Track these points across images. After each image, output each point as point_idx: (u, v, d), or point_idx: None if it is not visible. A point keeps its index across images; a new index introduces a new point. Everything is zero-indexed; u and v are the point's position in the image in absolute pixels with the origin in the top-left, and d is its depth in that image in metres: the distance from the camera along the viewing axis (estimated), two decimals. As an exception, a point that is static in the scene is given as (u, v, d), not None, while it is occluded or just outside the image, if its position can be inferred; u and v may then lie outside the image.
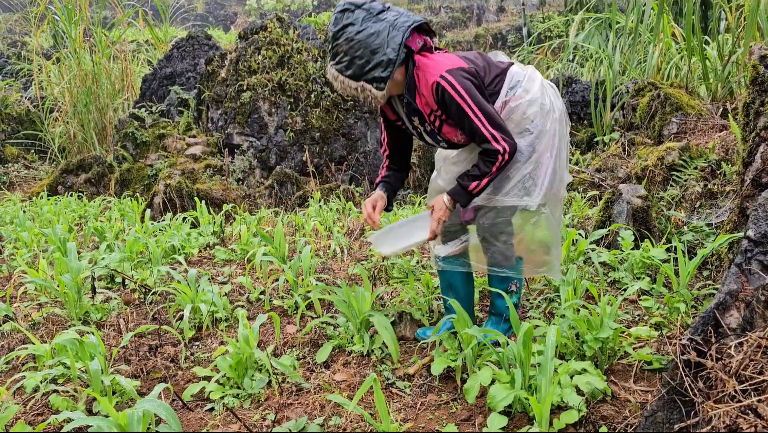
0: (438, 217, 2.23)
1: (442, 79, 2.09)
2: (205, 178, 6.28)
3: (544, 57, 10.68)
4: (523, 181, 2.22)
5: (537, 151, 2.21)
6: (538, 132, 2.22)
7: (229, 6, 27.40)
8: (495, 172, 2.14)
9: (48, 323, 2.85)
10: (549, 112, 2.24)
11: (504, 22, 24.45)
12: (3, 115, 9.10)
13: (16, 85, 10.89)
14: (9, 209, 5.77)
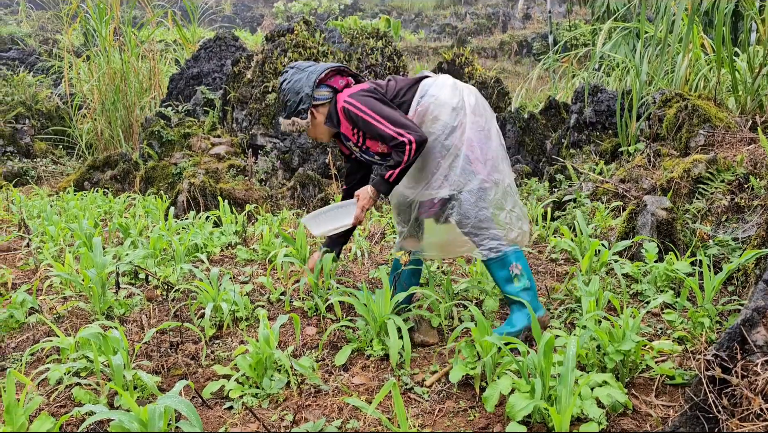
0: (362, 205, 2.58)
1: (346, 102, 2.55)
2: (228, 178, 6.34)
3: (570, 65, 10.62)
4: (442, 175, 2.52)
5: (453, 144, 2.51)
6: (450, 129, 2.51)
7: (256, 8, 27.66)
8: (406, 161, 2.45)
9: (72, 317, 2.90)
10: (459, 110, 2.53)
11: (530, 29, 24.35)
12: (33, 111, 9.28)
13: (46, 81, 11.10)
14: (36, 203, 5.88)
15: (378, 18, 18.80)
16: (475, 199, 2.50)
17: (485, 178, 2.52)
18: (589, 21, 18.54)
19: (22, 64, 12.16)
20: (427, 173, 2.55)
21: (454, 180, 2.50)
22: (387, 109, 2.50)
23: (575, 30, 16.14)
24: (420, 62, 18.23)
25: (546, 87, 13.45)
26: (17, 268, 3.84)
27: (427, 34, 25.03)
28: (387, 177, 2.50)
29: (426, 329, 2.62)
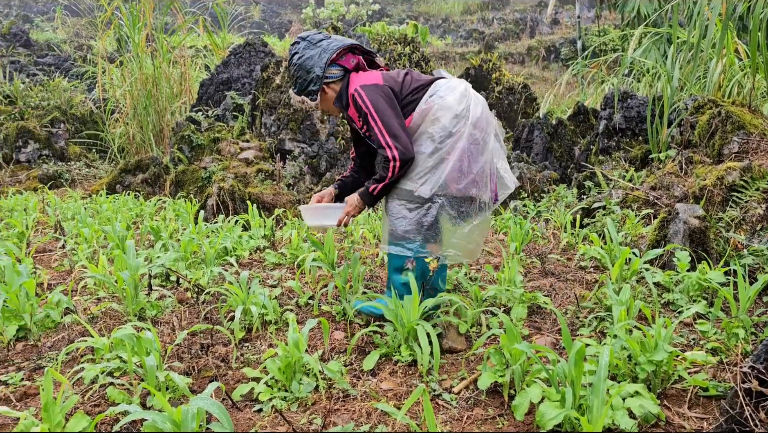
0: (348, 211, 2.66)
1: (356, 91, 2.56)
2: (256, 183, 6.41)
3: (599, 71, 10.51)
4: (424, 172, 2.51)
5: (445, 149, 2.50)
6: (447, 133, 2.51)
7: (284, 14, 27.95)
8: (390, 177, 2.50)
9: (106, 317, 2.96)
10: (462, 118, 2.53)
11: (558, 34, 24.17)
12: (68, 116, 9.50)
13: (81, 86, 11.36)
14: (71, 205, 6.02)
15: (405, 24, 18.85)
16: (447, 206, 2.53)
17: (461, 189, 2.53)
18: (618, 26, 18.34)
19: (57, 69, 12.47)
20: (414, 170, 2.55)
21: (435, 182, 2.50)
22: (389, 114, 2.51)
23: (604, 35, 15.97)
24: (447, 67, 18.21)
25: (574, 93, 13.33)
26: (53, 269, 3.93)
27: (454, 39, 25.01)
28: (371, 190, 2.57)
29: (454, 336, 2.62)
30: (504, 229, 4.92)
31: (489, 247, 4.26)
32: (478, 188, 2.56)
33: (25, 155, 8.63)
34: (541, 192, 6.38)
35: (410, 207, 2.56)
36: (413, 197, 2.54)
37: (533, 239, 4.40)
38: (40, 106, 9.49)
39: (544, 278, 3.52)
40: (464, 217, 2.58)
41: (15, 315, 2.81)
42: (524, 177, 6.51)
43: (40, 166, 8.42)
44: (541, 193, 6.33)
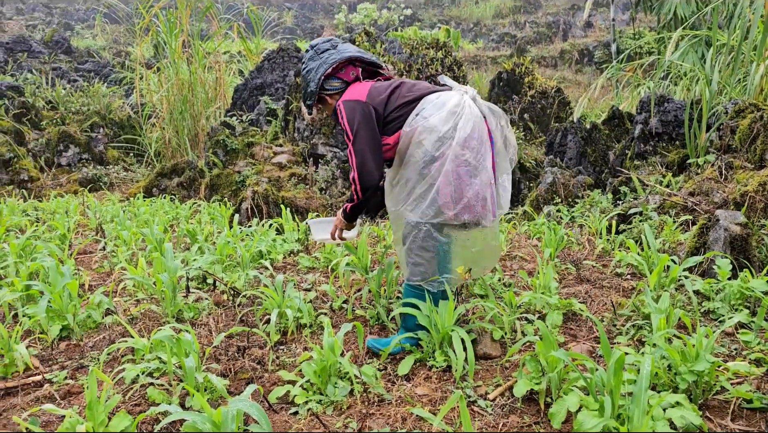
0: (335, 224, 2.76)
1: (338, 105, 2.57)
2: (290, 186, 6.48)
3: (634, 74, 10.35)
4: (417, 199, 2.45)
5: (430, 174, 2.42)
6: (430, 158, 2.41)
7: (316, 19, 28.20)
8: (356, 199, 2.52)
9: (145, 319, 3.03)
10: (446, 140, 2.41)
11: (591, 37, 23.89)
12: (107, 121, 9.74)
13: (119, 92, 11.64)
14: (109, 208, 6.16)
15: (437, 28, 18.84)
16: (434, 233, 2.44)
17: (451, 217, 2.41)
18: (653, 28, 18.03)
19: (97, 75, 12.79)
20: (404, 194, 2.50)
21: (422, 210, 2.43)
22: (362, 134, 2.46)
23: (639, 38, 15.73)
24: (479, 71, 18.14)
25: (608, 96, 13.15)
26: (93, 270, 4.03)
27: (485, 43, 24.90)
28: (345, 208, 2.65)
29: (488, 342, 2.60)
30: (537, 234, 4.87)
31: (522, 252, 4.23)
32: (471, 214, 2.42)
33: (66, 159, 8.87)
34: (575, 197, 6.31)
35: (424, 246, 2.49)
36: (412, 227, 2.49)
37: (567, 244, 4.35)
38: (81, 112, 9.74)
39: (579, 284, 3.48)
40: (463, 244, 2.54)
41: (59, 315, 2.89)
42: (557, 182, 6.44)
43: (80, 169, 8.65)
44: (575, 199, 6.26)
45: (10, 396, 2.33)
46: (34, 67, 12.30)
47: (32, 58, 13.29)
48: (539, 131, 10.28)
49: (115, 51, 16.39)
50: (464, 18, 29.57)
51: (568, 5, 28.93)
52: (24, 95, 9.93)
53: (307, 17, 28.58)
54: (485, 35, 26.40)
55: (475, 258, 2.58)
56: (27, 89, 10.31)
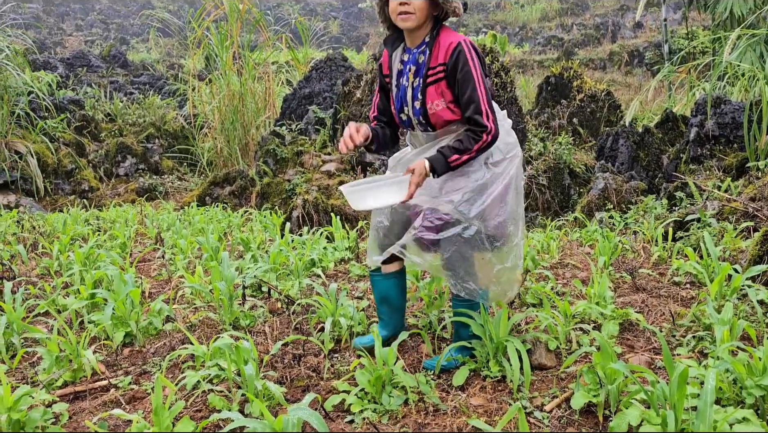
0: (416, 181, 2.24)
1: (464, 42, 2.26)
2: (338, 195, 6.55)
3: (688, 76, 10.07)
4: (470, 196, 2.32)
5: (494, 173, 2.34)
6: (509, 159, 2.38)
7: (361, 28, 28.45)
8: (475, 151, 2.25)
9: (203, 326, 3.11)
10: (514, 146, 2.43)
11: (641, 38, 23.34)
12: (162, 132, 10.06)
13: (172, 103, 12.01)
14: (165, 217, 6.37)
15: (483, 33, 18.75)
16: (481, 239, 2.34)
17: (502, 222, 2.37)
18: (707, 27, 17.48)
19: (151, 88, 13.23)
20: (453, 182, 2.34)
21: (472, 210, 2.31)
22: (487, 85, 2.29)
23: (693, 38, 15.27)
24: (525, 75, 17.96)
25: (660, 99, 12.81)
26: (152, 277, 4.17)
27: (531, 46, 24.63)
28: (450, 160, 2.25)
29: (543, 352, 2.58)
30: (590, 241, 4.79)
31: (575, 260, 4.17)
32: (516, 227, 2.43)
33: (124, 169, 9.20)
34: (627, 203, 6.17)
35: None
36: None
37: (622, 252, 4.26)
38: (137, 123, 10.10)
39: (635, 293, 3.40)
40: (496, 253, 2.41)
41: (122, 322, 3.00)
42: (609, 188, 6.32)
43: (137, 179, 8.96)
44: (627, 205, 6.12)
45: (80, 400, 2.43)
46: (93, 81, 12.82)
47: (91, 73, 13.86)
48: (589, 135, 10.10)
49: (169, 64, 16.93)
50: (509, 22, 29.32)
51: (617, 6, 28.34)
52: (84, 108, 10.36)
53: (352, 26, 28.87)
54: (531, 39, 26.11)
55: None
56: (87, 103, 10.75)
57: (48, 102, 9.22)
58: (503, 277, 2.44)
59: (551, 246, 4.36)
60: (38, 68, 12.24)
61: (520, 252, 2.53)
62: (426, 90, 2.32)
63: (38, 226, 5.66)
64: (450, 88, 2.30)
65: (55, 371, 2.58)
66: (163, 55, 19.28)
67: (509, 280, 2.48)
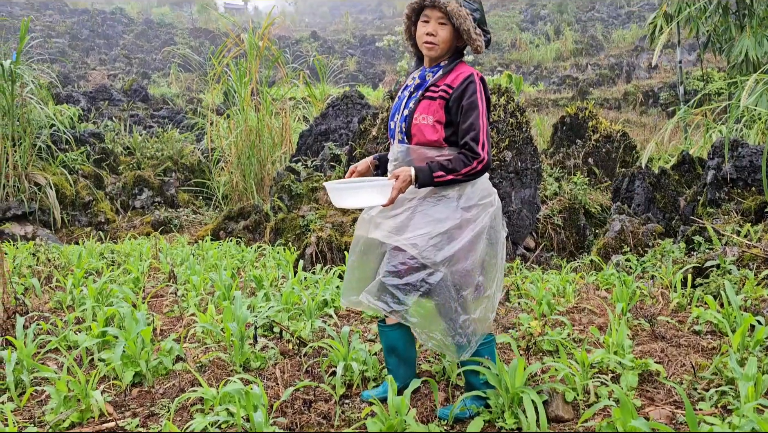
0: (399, 186, 2.22)
1: (476, 75, 2.33)
2: (352, 231, 6.54)
3: (704, 118, 10.05)
4: (432, 235, 2.26)
5: (464, 218, 2.28)
6: (482, 206, 2.34)
7: (378, 65, 28.89)
8: (462, 174, 2.25)
9: (213, 367, 3.08)
10: (491, 195, 2.40)
11: (656, 79, 23.45)
12: (179, 165, 10.18)
13: (190, 137, 12.18)
14: (179, 251, 6.38)
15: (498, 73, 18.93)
16: (447, 286, 2.25)
17: (469, 271, 2.29)
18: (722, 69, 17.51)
19: (170, 121, 13.45)
20: (421, 219, 2.29)
21: (439, 255, 2.24)
22: (486, 113, 2.33)
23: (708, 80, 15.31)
24: (539, 115, 18.05)
25: (676, 140, 12.79)
26: (164, 314, 4.15)
27: (546, 85, 24.82)
28: (435, 175, 2.24)
29: (560, 404, 2.51)
30: (606, 285, 4.72)
31: (591, 304, 4.10)
32: (487, 278, 2.35)
33: (140, 202, 9.28)
34: (644, 246, 6.10)
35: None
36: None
37: (640, 298, 4.18)
38: (155, 157, 10.23)
39: (654, 341, 3.32)
40: (462, 303, 2.31)
41: (132, 361, 2.97)
42: (626, 230, 6.25)
43: (152, 212, 9.02)
44: (644, 248, 6.05)
45: (86, 442, 2.39)
46: (113, 115, 13.06)
47: (112, 106, 14.13)
48: (604, 176, 10.07)
49: (188, 98, 17.23)
50: (524, 61, 29.64)
51: (632, 47, 28.57)
52: (104, 142, 10.53)
53: (369, 63, 29.32)
54: (546, 78, 26.34)
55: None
56: (107, 136, 10.93)
57: (69, 135, 9.39)
58: (469, 328, 2.31)
59: (567, 290, 4.29)
60: (61, 101, 12.50)
61: (493, 305, 2.40)
62: (420, 102, 2.36)
63: (53, 258, 5.69)
64: (446, 111, 2.32)
65: (63, 411, 2.54)
66: (182, 90, 19.65)
67: (475, 332, 2.34)
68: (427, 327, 2.28)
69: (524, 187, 7.07)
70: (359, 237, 2.48)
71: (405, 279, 2.26)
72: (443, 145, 2.33)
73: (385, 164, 2.57)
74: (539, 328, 2.57)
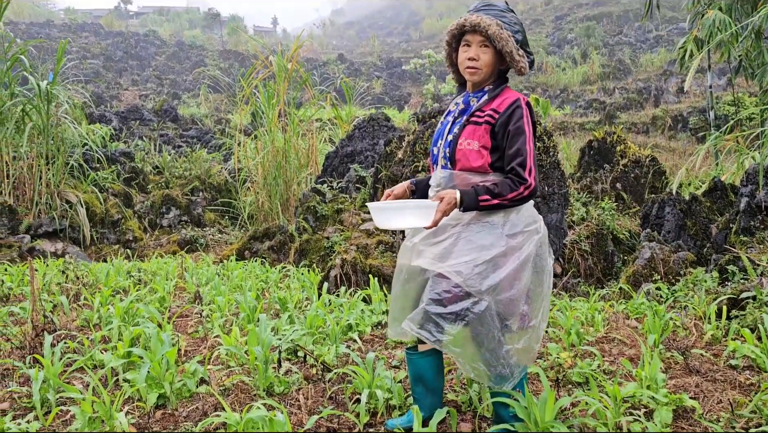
0: (444, 209, 2.19)
1: (523, 100, 2.29)
2: (377, 254, 6.51)
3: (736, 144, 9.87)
4: (477, 263, 2.21)
5: (509, 246, 2.23)
6: (527, 233, 2.27)
7: (404, 87, 29.07)
8: (508, 200, 2.21)
9: (237, 390, 3.06)
10: (536, 222, 2.34)
11: (685, 103, 23.20)
12: (206, 185, 10.30)
13: (218, 157, 12.34)
14: (204, 270, 6.41)
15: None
16: (491, 316, 2.20)
17: (513, 300, 2.23)
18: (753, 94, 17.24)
19: (199, 141, 13.65)
20: (465, 246, 2.24)
21: (484, 283, 2.18)
22: (533, 139, 2.29)
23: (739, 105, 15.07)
24: (566, 138, 17.93)
25: (706, 166, 12.57)
26: (189, 334, 4.15)
27: (572, 109, 24.70)
28: (480, 198, 2.20)
29: (591, 439, 2.43)
30: (637, 314, 4.60)
31: (621, 334, 3.99)
32: (532, 308, 2.29)
33: (168, 221, 9.39)
34: (675, 275, 5.95)
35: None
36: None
37: (672, 329, 4.07)
38: (183, 176, 10.37)
39: (688, 376, 3.22)
40: (506, 333, 2.26)
41: (156, 383, 2.97)
42: (656, 258, 6.12)
43: (179, 231, 9.12)
44: (675, 276, 5.90)
45: (109, 465, 2.38)
46: (144, 134, 13.31)
47: (143, 126, 14.40)
48: (633, 201, 9.92)
49: (217, 118, 17.50)
50: (551, 84, 29.59)
51: (660, 71, 28.34)
52: (134, 161, 10.72)
53: (395, 85, 29.52)
54: (572, 101, 26.23)
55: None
56: (137, 155, 11.13)
57: (100, 154, 9.57)
58: (512, 359, 2.25)
59: (596, 319, 4.20)
60: (94, 121, 12.79)
61: (537, 335, 2.34)
62: (465, 127, 2.33)
63: (82, 276, 5.76)
64: (492, 137, 2.29)
65: (87, 432, 2.54)
66: (211, 110, 19.98)
67: (518, 363, 2.28)
68: (470, 357, 2.22)
69: (551, 212, 6.98)
70: (402, 266, 2.43)
71: (449, 308, 2.20)
72: (488, 171, 2.30)
73: (422, 189, 2.55)
74: (570, 360, 2.50)
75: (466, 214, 2.26)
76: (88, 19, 46.24)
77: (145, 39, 37.59)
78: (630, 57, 31.43)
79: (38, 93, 8.35)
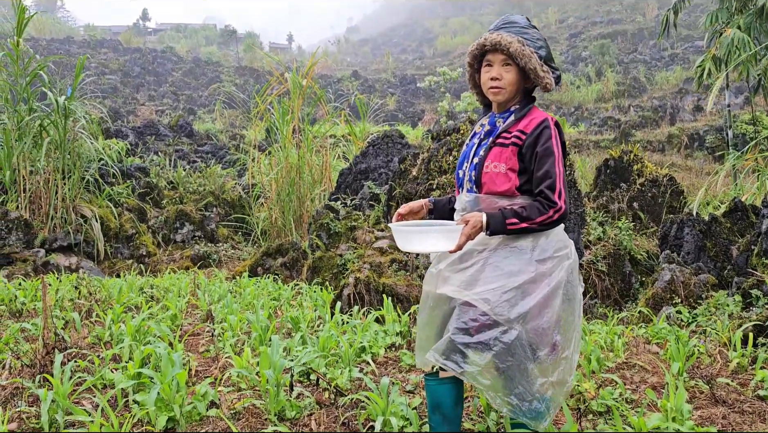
0: (469, 233, 2.11)
1: (551, 120, 2.23)
2: (390, 273, 6.44)
3: (756, 164, 9.73)
4: (505, 290, 2.12)
5: (539, 272, 2.14)
6: (557, 258, 2.19)
7: (417, 104, 29.13)
8: (536, 224, 2.13)
9: (247, 414, 2.98)
10: (568, 246, 2.26)
11: (702, 121, 23.01)
12: (220, 200, 10.30)
13: (232, 172, 12.37)
14: (217, 287, 6.37)
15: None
16: (522, 346, 2.09)
17: (545, 329, 2.13)
18: (773, 113, 17.04)
19: (213, 157, 13.70)
20: (492, 273, 2.15)
21: (513, 311, 2.09)
22: (563, 160, 2.20)
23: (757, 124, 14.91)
24: (581, 156, 17.81)
25: (725, 186, 12.40)
26: (200, 354, 4.10)
27: (587, 126, 24.60)
28: (507, 222, 2.11)
29: (615, 474, 2.33)
30: (657, 339, 4.48)
31: (642, 360, 3.88)
32: (565, 338, 2.19)
33: (181, 236, 9.39)
34: (696, 298, 5.82)
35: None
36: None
37: (697, 357, 3.95)
38: (197, 191, 10.39)
39: (714, 406, 3.10)
40: (539, 364, 2.14)
41: (166, 405, 2.91)
42: (676, 280, 5.99)
43: (192, 246, 9.11)
44: (696, 300, 5.77)
45: (116, 492, 2.32)
46: (159, 150, 13.39)
47: (159, 141, 14.50)
48: (650, 221, 9.78)
49: (231, 134, 17.59)
50: (565, 102, 29.52)
51: (676, 89, 28.20)
52: (149, 176, 10.77)
53: (409, 102, 29.60)
54: (587, 119, 26.12)
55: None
56: (152, 170, 11.19)
57: (116, 169, 9.62)
58: (547, 393, 2.14)
59: (616, 344, 4.09)
60: (111, 136, 12.89)
61: (571, 367, 2.23)
62: (491, 149, 2.26)
63: (95, 292, 5.74)
64: (519, 158, 2.21)
65: (95, 457, 2.48)
66: (226, 126, 20.10)
67: (553, 397, 2.17)
68: (501, 390, 2.11)
69: (567, 231, 6.88)
70: (428, 293, 2.35)
71: (476, 337, 2.11)
72: (515, 194, 2.22)
73: (441, 210, 2.48)
74: (593, 391, 2.41)
75: (493, 238, 2.18)
76: (107, 35, 47.03)
77: (162, 55, 38.07)
78: (645, 75, 31.32)
79: (56, 108, 8.42)
